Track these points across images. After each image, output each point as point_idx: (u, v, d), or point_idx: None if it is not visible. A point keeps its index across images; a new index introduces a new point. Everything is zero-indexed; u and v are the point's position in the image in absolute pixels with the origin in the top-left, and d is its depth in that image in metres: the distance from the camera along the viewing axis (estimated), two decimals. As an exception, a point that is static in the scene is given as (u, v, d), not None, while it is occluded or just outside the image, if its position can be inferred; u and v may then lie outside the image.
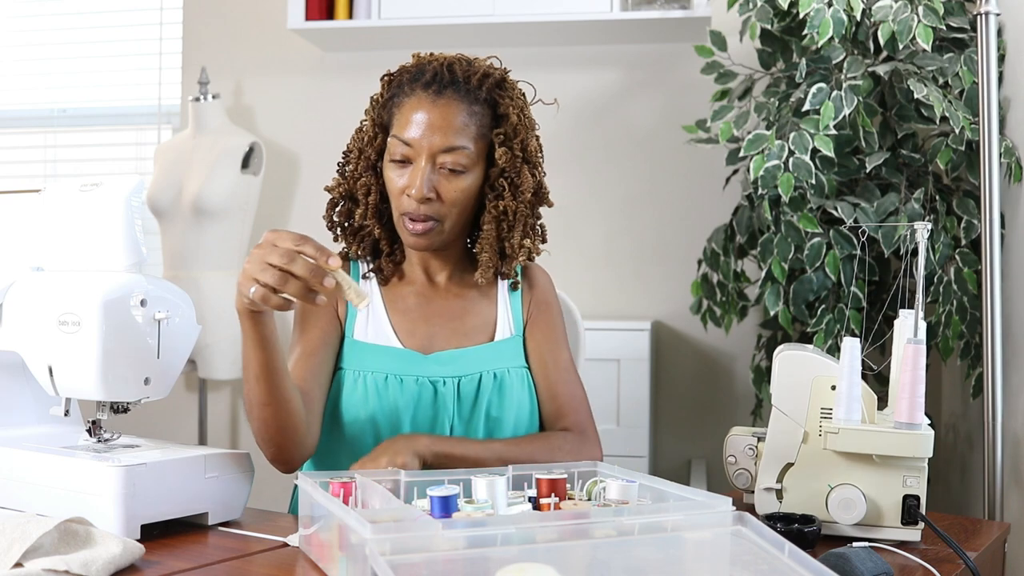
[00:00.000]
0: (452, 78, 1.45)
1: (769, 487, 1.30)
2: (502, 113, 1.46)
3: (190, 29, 3.34)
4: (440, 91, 1.43)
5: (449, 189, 1.43)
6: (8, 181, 3.49)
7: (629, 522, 0.96)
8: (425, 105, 1.43)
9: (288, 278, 1.15)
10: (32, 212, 1.34)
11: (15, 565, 1.00)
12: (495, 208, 1.47)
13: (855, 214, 2.15)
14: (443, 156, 1.42)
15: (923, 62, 2.16)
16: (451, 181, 1.43)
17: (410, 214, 1.43)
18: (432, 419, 1.45)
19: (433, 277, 1.54)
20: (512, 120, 1.46)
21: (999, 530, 1.39)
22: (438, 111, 1.42)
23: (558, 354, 1.55)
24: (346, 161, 1.53)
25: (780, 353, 1.33)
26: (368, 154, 1.49)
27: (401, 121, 1.44)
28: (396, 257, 1.54)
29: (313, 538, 1.11)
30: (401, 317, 1.51)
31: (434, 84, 1.44)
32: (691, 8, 2.75)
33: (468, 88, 1.44)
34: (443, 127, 1.42)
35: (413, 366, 1.46)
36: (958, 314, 2.14)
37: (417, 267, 1.54)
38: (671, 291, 2.96)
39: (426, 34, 2.91)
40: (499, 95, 1.47)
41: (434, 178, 1.42)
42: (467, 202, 1.46)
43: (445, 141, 1.41)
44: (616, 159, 3.05)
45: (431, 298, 1.53)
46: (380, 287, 1.53)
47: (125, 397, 1.26)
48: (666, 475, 1.32)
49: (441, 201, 1.43)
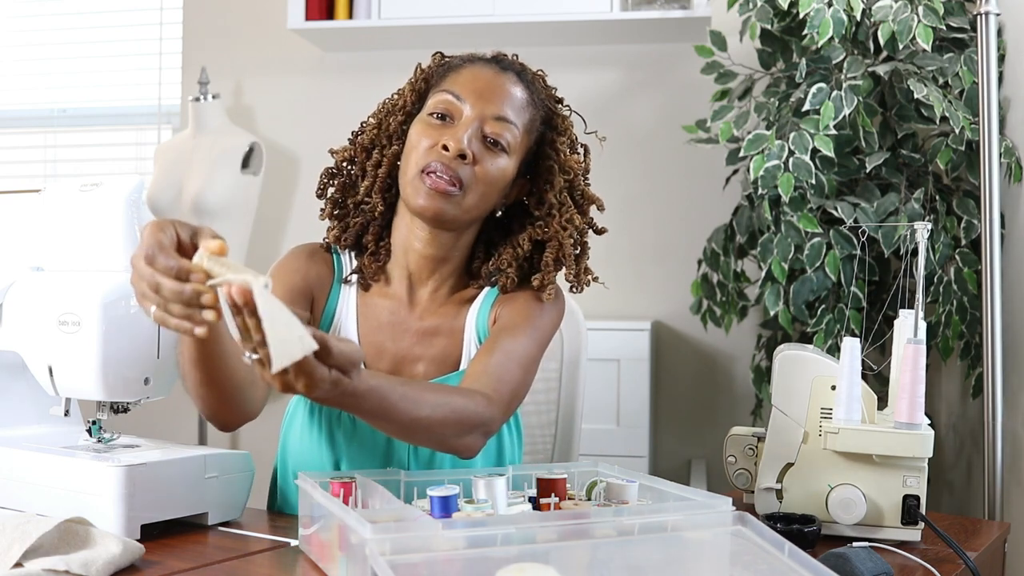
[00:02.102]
0: (519, 67, 1.40)
1: (769, 487, 1.30)
2: (556, 126, 1.41)
3: (190, 29, 3.34)
4: (504, 68, 1.38)
5: (487, 158, 1.32)
6: (8, 181, 3.49)
7: (629, 522, 0.96)
8: (488, 73, 1.36)
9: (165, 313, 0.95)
10: (32, 212, 1.33)
11: (15, 565, 1.00)
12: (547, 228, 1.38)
13: (855, 214, 2.15)
14: (492, 125, 1.32)
15: (923, 62, 2.16)
16: (490, 153, 1.33)
17: (436, 169, 1.29)
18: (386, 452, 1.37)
19: (415, 287, 1.41)
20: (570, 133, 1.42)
21: (999, 530, 1.39)
22: (501, 81, 1.35)
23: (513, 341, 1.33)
24: (361, 130, 1.42)
25: (780, 353, 1.33)
26: (392, 122, 1.39)
27: (456, 79, 1.36)
28: (380, 258, 1.42)
29: (313, 538, 1.11)
30: (371, 337, 1.40)
31: (500, 62, 1.39)
32: (691, 8, 2.76)
33: (532, 83, 1.39)
34: (502, 96, 1.34)
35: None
36: (958, 314, 2.14)
37: (402, 271, 1.41)
38: (671, 291, 2.96)
39: (426, 34, 2.91)
40: (555, 108, 1.42)
41: (475, 143, 1.32)
42: (496, 186, 1.34)
43: (501, 109, 1.33)
44: (616, 159, 3.05)
45: (406, 316, 1.40)
46: (359, 297, 1.42)
47: (125, 397, 1.26)
48: (666, 475, 1.32)
49: (474, 166, 1.31)
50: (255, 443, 2.84)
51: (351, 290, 1.43)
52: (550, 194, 1.39)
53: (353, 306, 1.42)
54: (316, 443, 1.39)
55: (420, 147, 1.32)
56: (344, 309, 1.42)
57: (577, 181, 1.42)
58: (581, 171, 1.43)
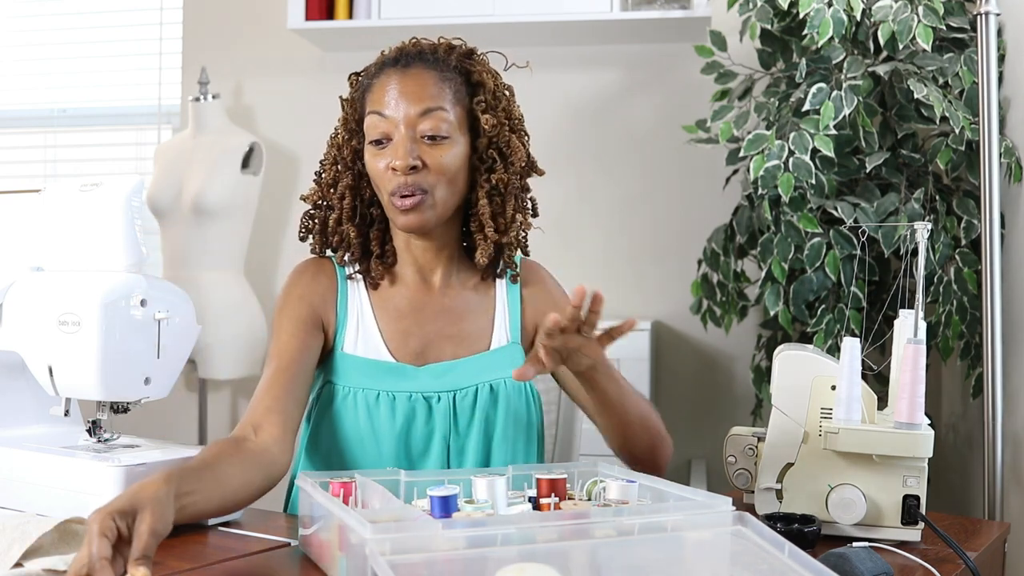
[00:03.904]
0: (418, 52, 1.43)
1: (769, 487, 1.30)
2: (476, 81, 1.43)
3: (190, 29, 3.34)
4: (407, 64, 1.41)
5: (434, 155, 1.37)
6: (8, 181, 3.49)
7: (629, 522, 0.96)
8: (394, 79, 1.39)
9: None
10: (32, 212, 1.34)
11: (15, 565, 1.00)
12: (487, 182, 1.42)
13: (855, 214, 2.15)
14: (422, 123, 1.36)
15: (923, 62, 2.16)
16: (434, 148, 1.37)
17: (398, 190, 1.36)
18: (427, 437, 1.42)
19: (427, 277, 1.47)
20: (489, 86, 1.43)
21: (999, 530, 1.39)
22: (409, 79, 1.39)
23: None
24: (321, 169, 1.48)
25: (780, 353, 1.33)
26: (344, 155, 1.45)
27: (372, 97, 1.40)
28: (388, 260, 1.48)
29: (313, 538, 1.11)
30: (393, 325, 1.45)
31: (400, 60, 1.42)
32: (691, 8, 2.76)
33: (436, 58, 1.42)
34: (416, 93, 1.37)
35: (405, 381, 1.41)
36: (958, 314, 2.14)
37: (410, 267, 1.47)
38: (671, 291, 2.96)
39: (426, 34, 2.86)
40: (469, 64, 1.44)
41: (416, 148, 1.36)
42: (455, 172, 1.39)
43: (421, 105, 1.37)
44: (616, 159, 3.05)
45: (425, 302, 1.46)
46: (369, 292, 1.47)
47: (125, 397, 1.26)
48: (666, 475, 1.32)
49: (427, 169, 1.36)
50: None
51: (358, 285, 1.47)
52: (473, 156, 1.43)
53: (366, 300, 1.46)
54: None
55: (376, 175, 1.40)
56: (358, 303, 1.46)
57: (502, 134, 1.43)
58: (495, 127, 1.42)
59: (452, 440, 1.42)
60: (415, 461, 1.42)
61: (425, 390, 1.42)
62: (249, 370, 3.02)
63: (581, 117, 3.02)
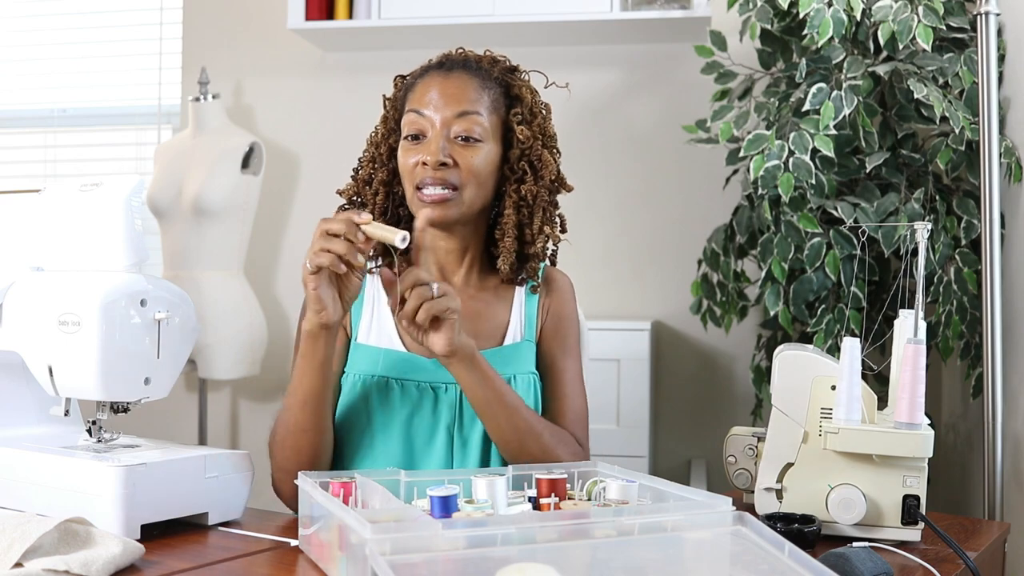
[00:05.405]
0: (462, 59, 1.48)
1: (769, 487, 1.30)
2: (515, 95, 1.48)
3: (190, 29, 3.34)
4: (450, 69, 1.46)
5: (466, 156, 1.41)
6: (8, 181, 3.49)
7: (629, 522, 0.96)
8: (436, 81, 1.45)
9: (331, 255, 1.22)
10: (32, 212, 1.34)
11: (15, 565, 1.00)
12: (515, 192, 1.46)
13: (855, 214, 2.15)
14: (457, 124, 1.41)
15: (923, 62, 2.16)
16: (466, 149, 1.41)
17: (426, 183, 1.40)
18: (432, 427, 1.43)
19: (448, 277, 1.50)
20: (527, 100, 1.48)
21: (999, 530, 1.39)
22: (450, 83, 1.44)
23: (566, 363, 1.51)
24: (359, 166, 1.53)
25: (780, 353, 1.33)
26: (381, 151, 1.49)
27: (414, 97, 1.45)
28: (410, 256, 1.50)
29: (313, 538, 1.11)
30: None
31: (445, 64, 1.47)
32: (691, 8, 2.76)
33: (479, 67, 1.47)
34: (455, 95, 1.42)
35: (415, 370, 1.44)
36: (958, 314, 2.14)
37: (432, 266, 1.48)
38: (671, 291, 2.96)
39: (426, 34, 2.91)
40: (510, 78, 1.49)
41: (448, 147, 1.40)
42: (485, 175, 1.43)
43: (458, 107, 1.41)
44: (616, 159, 3.05)
45: None
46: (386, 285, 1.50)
47: (125, 397, 1.26)
48: (666, 475, 1.32)
49: (457, 168, 1.40)
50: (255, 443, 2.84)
51: (376, 279, 1.50)
52: (505, 167, 1.47)
53: (383, 292, 1.49)
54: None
55: (406, 169, 1.44)
56: (374, 295, 1.49)
57: (534, 148, 1.47)
58: (529, 140, 1.46)
59: (456, 432, 1.44)
60: (419, 451, 1.42)
61: (433, 380, 1.44)
62: (249, 370, 3.02)
63: (581, 117, 3.01)
